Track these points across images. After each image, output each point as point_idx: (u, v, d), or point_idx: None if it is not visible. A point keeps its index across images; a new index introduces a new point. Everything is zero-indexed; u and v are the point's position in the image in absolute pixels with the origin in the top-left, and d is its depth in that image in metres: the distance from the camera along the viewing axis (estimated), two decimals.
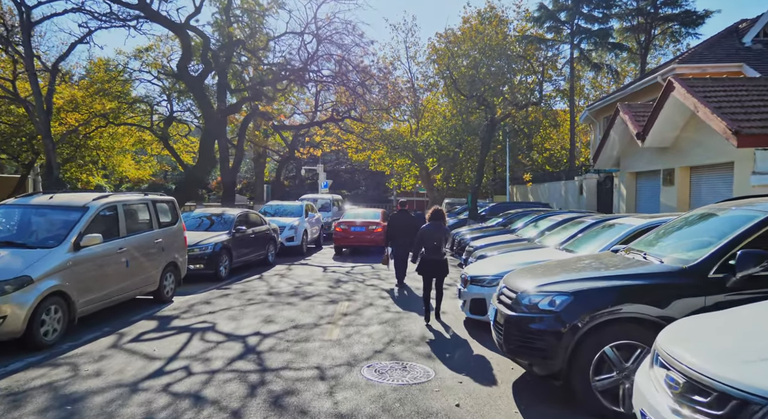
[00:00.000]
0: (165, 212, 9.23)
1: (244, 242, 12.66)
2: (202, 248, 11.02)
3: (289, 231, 16.58)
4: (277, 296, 9.78)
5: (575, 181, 22.64)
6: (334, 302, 9.28)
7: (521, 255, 8.29)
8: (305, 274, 12.75)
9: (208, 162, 15.98)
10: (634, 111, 14.87)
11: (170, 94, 25.78)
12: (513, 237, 12.42)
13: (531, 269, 5.66)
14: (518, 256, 8.25)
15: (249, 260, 13.14)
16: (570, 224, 10.43)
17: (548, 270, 5.37)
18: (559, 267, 5.47)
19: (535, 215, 15.01)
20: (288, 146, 29.15)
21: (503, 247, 10.25)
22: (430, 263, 7.81)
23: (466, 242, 14.41)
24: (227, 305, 8.80)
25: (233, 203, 22.26)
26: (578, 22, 33.61)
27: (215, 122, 16.10)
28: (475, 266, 8.03)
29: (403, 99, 25.07)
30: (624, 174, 17.00)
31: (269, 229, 14.34)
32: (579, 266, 5.32)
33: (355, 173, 64.18)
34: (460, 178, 35.57)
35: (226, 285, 10.89)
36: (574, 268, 5.28)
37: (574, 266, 5.41)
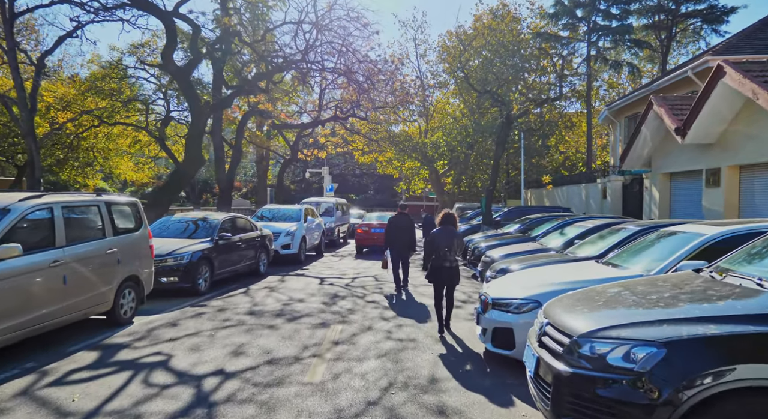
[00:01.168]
0: (125, 216, 7.76)
1: (229, 251, 11.16)
2: (177, 258, 9.53)
3: (285, 238, 15.09)
4: (258, 316, 8.25)
5: (597, 184, 20.96)
6: (325, 325, 7.73)
7: (554, 271, 6.69)
8: (298, 287, 11.22)
9: (195, 161, 14.58)
10: (671, 104, 13.22)
11: (166, 92, 24.50)
12: (536, 246, 10.80)
13: (585, 297, 4.07)
14: (551, 272, 6.65)
15: (236, 270, 11.64)
16: (607, 232, 8.81)
17: (611, 300, 3.80)
18: (627, 296, 3.88)
19: (558, 220, 13.38)
20: (290, 147, 27.73)
21: (528, 259, 8.65)
22: (442, 271, 7.32)
23: (481, 250, 12.83)
24: (195, 329, 7.28)
25: (230, 207, 20.84)
26: (595, 19, 31.99)
27: (203, 117, 14.70)
28: (497, 285, 6.45)
29: (411, 97, 23.54)
30: (656, 175, 15.32)
31: (260, 235, 12.85)
32: (658, 297, 3.72)
33: (363, 177, 62.81)
34: (472, 181, 33.97)
35: (204, 302, 9.38)
36: (651, 299, 3.68)
37: (649, 295, 3.81)
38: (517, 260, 8.65)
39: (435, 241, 7.30)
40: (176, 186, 14.93)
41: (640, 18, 34.11)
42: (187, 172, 14.75)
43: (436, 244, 7.28)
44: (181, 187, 15.44)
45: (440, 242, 7.25)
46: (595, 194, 21.23)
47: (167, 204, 14.65)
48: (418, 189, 36.63)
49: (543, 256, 8.90)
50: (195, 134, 14.55)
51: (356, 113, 22.50)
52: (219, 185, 19.99)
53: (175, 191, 15.05)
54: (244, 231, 12.18)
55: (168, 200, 14.68)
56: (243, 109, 21.32)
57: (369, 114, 23.35)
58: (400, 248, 10.70)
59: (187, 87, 14.38)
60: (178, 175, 14.74)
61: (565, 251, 9.00)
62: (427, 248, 7.44)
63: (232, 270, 11.35)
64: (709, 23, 32.19)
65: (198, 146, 14.75)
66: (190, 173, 15.02)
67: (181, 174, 14.69)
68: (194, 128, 14.62)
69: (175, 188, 14.85)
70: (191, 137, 14.72)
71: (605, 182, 19.92)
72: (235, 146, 20.58)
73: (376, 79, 18.59)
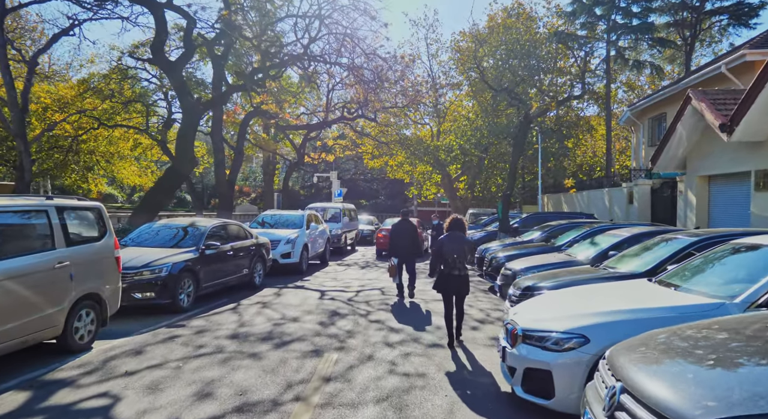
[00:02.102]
0: (85, 223, 6.61)
1: (217, 262, 9.99)
2: (155, 271, 8.36)
3: (285, 246, 13.90)
4: (242, 340, 7.04)
5: (623, 188, 19.54)
6: (318, 353, 6.50)
7: (598, 293, 5.39)
8: (295, 303, 10.00)
9: (187, 162, 13.47)
10: (712, 98, 11.84)
11: (167, 92, 23.56)
12: (563, 258, 9.48)
13: (669, 343, 2.80)
14: (593, 294, 5.35)
15: (226, 283, 10.46)
16: (653, 242, 7.49)
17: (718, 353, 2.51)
18: (740, 346, 2.60)
19: (585, 228, 12.04)
20: (296, 149, 26.65)
21: (558, 275, 7.35)
22: (450, 279, 6.94)
23: (500, 261, 11.54)
24: (161, 359, 6.09)
25: (231, 212, 19.76)
26: (615, 18, 30.61)
27: (196, 114, 13.62)
28: (526, 310, 5.17)
29: (422, 96, 22.30)
30: (693, 178, 13.91)
31: (256, 244, 11.67)
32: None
33: (373, 182, 61.61)
34: (486, 186, 32.60)
35: (183, 321, 8.20)
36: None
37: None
38: (546, 276, 7.35)
39: (443, 248, 6.91)
40: (168, 188, 13.84)
41: (663, 16, 32.68)
42: (180, 173, 13.64)
43: (444, 251, 6.89)
44: (174, 189, 14.36)
45: (449, 250, 6.86)
46: (620, 199, 19.80)
47: (158, 208, 13.56)
48: (430, 194, 35.30)
49: (576, 271, 7.59)
50: (187, 132, 13.46)
51: (364, 114, 21.29)
52: (219, 189, 18.92)
53: (167, 194, 13.97)
54: (236, 239, 11.01)
55: (159, 204, 13.60)
56: (246, 109, 20.25)
57: (378, 115, 22.15)
58: (404, 255, 10.60)
59: (179, 82, 13.32)
60: (170, 176, 13.65)
61: (601, 265, 7.68)
62: (435, 256, 7.09)
63: (221, 283, 10.17)
64: (737, 20, 30.59)
65: (190, 144, 13.66)
66: (183, 174, 13.91)
67: (174, 175, 13.58)
68: (186, 125, 13.53)
69: (167, 190, 13.75)
70: (183, 134, 13.63)
71: (631, 186, 18.50)
72: (237, 148, 19.51)
73: (384, 77, 17.39)
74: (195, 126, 13.72)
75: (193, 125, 13.62)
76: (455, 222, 7.23)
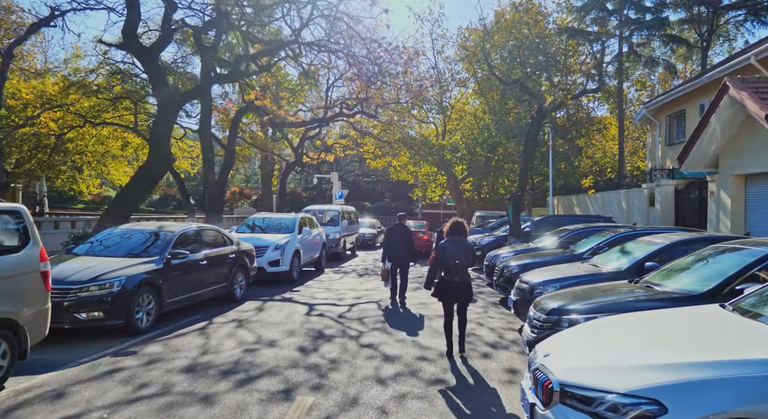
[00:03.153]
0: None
1: (187, 273, 8.65)
2: (104, 286, 7.02)
3: (273, 253, 12.56)
4: (199, 374, 5.69)
5: (643, 189, 18.08)
6: (289, 395, 5.13)
7: (660, 327, 3.96)
8: (277, 320, 8.64)
9: (161, 159, 12.15)
10: (754, 86, 10.42)
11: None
12: (590, 269, 8.05)
13: None
14: (654, 328, 3.94)
15: (199, 297, 9.11)
16: (706, 254, 6.08)
17: None
18: None
19: (608, 233, 10.63)
20: (293, 149, 25.32)
21: (592, 294, 5.94)
22: (450, 286, 6.60)
23: (512, 271, 10.15)
24: (84, 407, 4.73)
25: (221, 215, 18.46)
26: (627, 13, 29.22)
27: (173, 107, 12.29)
28: (562, 351, 3.77)
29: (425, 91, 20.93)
30: (726, 178, 12.47)
31: (236, 251, 10.32)
32: None
33: (377, 184, 60.23)
34: (493, 188, 31.11)
35: (136, 346, 6.86)
36: None
37: None
38: (575, 295, 5.95)
39: (445, 253, 6.55)
40: (142, 189, 12.53)
41: (677, 11, 31.27)
42: (154, 171, 12.31)
43: (445, 256, 6.53)
44: (148, 189, 13.07)
45: (450, 255, 6.51)
46: (640, 200, 18.35)
47: (132, 210, 12.26)
48: (435, 196, 33.83)
49: (611, 289, 6.17)
50: (162, 127, 12.15)
51: (364, 110, 19.93)
52: (208, 190, 17.63)
53: (140, 195, 12.65)
54: (212, 246, 9.67)
55: (133, 206, 12.29)
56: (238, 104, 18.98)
57: (379, 111, 20.79)
58: (399, 259, 10.48)
59: (154, 70, 12.02)
60: (144, 175, 12.33)
61: (640, 281, 6.27)
62: (435, 262, 6.70)
63: (192, 298, 8.82)
64: (755, 15, 29.13)
65: (165, 140, 12.33)
66: (158, 172, 12.59)
67: (147, 174, 12.27)
68: (162, 119, 12.22)
69: (140, 190, 12.44)
70: (157, 129, 12.32)
71: (653, 187, 17.04)
72: (228, 146, 18.22)
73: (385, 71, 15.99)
74: (171, 120, 12.42)
75: (169, 119, 12.31)
76: (456, 226, 6.83)
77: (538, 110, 15.95)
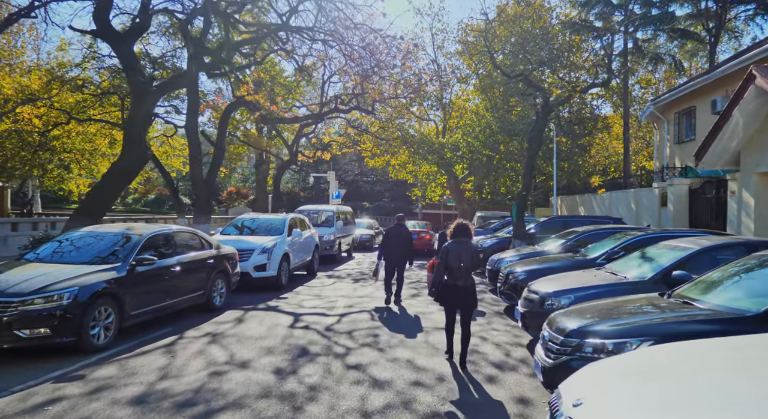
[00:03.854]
0: None
1: (156, 281, 7.73)
2: (51, 298, 6.11)
3: (259, 257, 11.64)
4: (151, 407, 4.77)
5: (653, 189, 17.15)
6: None
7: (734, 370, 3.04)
8: (257, 334, 7.72)
9: (135, 155, 11.20)
10: None
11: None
12: (608, 278, 7.12)
13: None
14: (722, 370, 3.01)
15: (172, 307, 8.19)
16: (756, 262, 5.15)
17: None
18: None
19: (622, 236, 9.71)
20: (287, 147, 24.39)
21: (618, 310, 4.99)
22: (453, 290, 6.24)
23: (518, 278, 9.28)
24: None
25: (209, 216, 17.56)
26: (633, 8, 28.32)
27: (148, 98, 11.35)
28: (602, 401, 2.83)
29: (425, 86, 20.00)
30: (750, 176, 11.53)
31: (215, 256, 9.40)
32: None
33: (376, 184, 59.30)
34: (495, 187, 30.18)
35: (87, 368, 5.94)
36: None
37: None
38: (599, 311, 5.02)
39: (449, 256, 6.22)
40: (114, 187, 11.59)
41: (684, 5, 30.34)
42: (127, 168, 11.37)
43: (450, 259, 6.21)
44: (121, 188, 12.13)
45: (455, 258, 6.19)
46: (650, 201, 17.42)
47: (103, 210, 11.32)
48: (435, 196, 32.88)
49: (639, 304, 5.22)
50: (136, 120, 11.20)
51: (360, 105, 18.99)
52: (195, 189, 16.72)
53: (112, 194, 11.70)
54: (187, 250, 8.74)
55: (104, 205, 11.36)
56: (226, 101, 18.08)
57: (377, 108, 19.86)
58: (396, 259, 10.35)
59: (128, 57, 11.07)
60: (116, 173, 11.36)
61: (672, 294, 5.33)
62: (439, 266, 6.28)
63: (162, 309, 7.90)
64: (766, 10, 28.25)
65: (140, 134, 11.37)
66: (132, 169, 11.64)
67: (120, 172, 11.31)
68: (136, 111, 11.27)
69: (112, 189, 11.49)
70: (131, 123, 11.36)
71: (665, 187, 16.10)
72: (217, 143, 17.31)
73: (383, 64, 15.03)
74: (147, 113, 11.48)
75: (144, 112, 11.37)
76: (460, 228, 6.47)
77: (543, 104, 15.02)
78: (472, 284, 6.31)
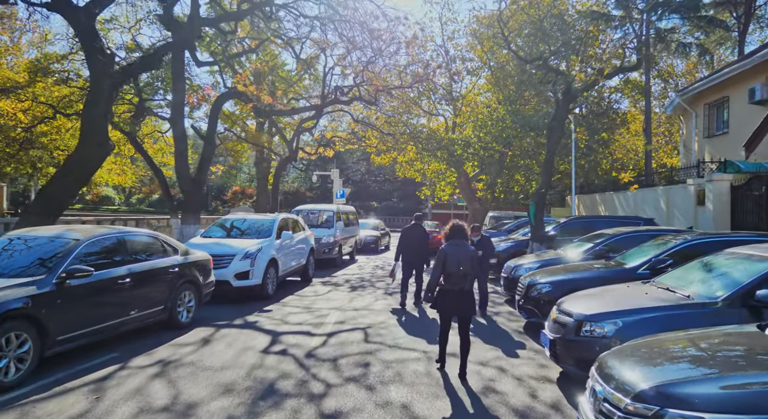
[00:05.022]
0: None
1: (95, 297, 6.27)
2: None
3: (241, 263, 10.15)
4: None
5: (688, 186, 15.44)
6: None
7: None
8: (220, 362, 6.23)
9: (94, 145, 9.72)
10: None
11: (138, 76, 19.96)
12: (666, 297, 5.51)
13: None
14: None
15: (119, 328, 6.72)
16: None
17: None
18: None
19: (667, 241, 8.11)
20: (286, 143, 22.96)
21: (719, 359, 3.41)
22: (452, 296, 5.72)
23: (541, 290, 7.81)
24: None
25: (198, 216, 16.14)
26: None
27: (108, 80, 9.89)
28: None
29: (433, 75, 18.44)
30: None
31: (181, 264, 7.92)
32: None
33: (385, 183, 57.81)
34: (508, 186, 28.47)
35: None
36: None
37: None
38: (683, 356, 3.46)
39: (447, 259, 5.72)
40: (71, 183, 10.12)
41: None
42: (85, 161, 9.90)
43: (448, 263, 5.70)
44: (79, 183, 10.65)
45: (453, 261, 5.70)
46: (684, 199, 15.70)
47: (58, 210, 9.88)
48: (445, 195, 31.20)
49: (746, 345, 3.64)
50: (95, 105, 9.75)
51: (362, 96, 17.46)
52: (181, 187, 15.31)
53: (69, 191, 10.24)
54: (144, 258, 7.27)
55: (59, 204, 9.92)
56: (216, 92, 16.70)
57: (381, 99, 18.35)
58: (414, 260, 10.32)
59: (86, 32, 9.61)
60: (72, 166, 9.87)
61: None
62: (436, 269, 5.80)
63: (102, 330, 6.42)
64: None
65: (100, 122, 9.86)
66: (90, 162, 10.16)
67: (76, 165, 9.84)
68: (95, 95, 9.80)
69: (69, 186, 10.03)
70: (90, 108, 9.88)
71: (702, 183, 14.38)
72: (207, 137, 15.89)
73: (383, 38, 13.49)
74: (107, 97, 10.00)
75: (105, 95, 9.89)
76: (456, 229, 6.07)
77: (565, 91, 13.37)
78: (470, 288, 5.84)
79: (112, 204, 55.10)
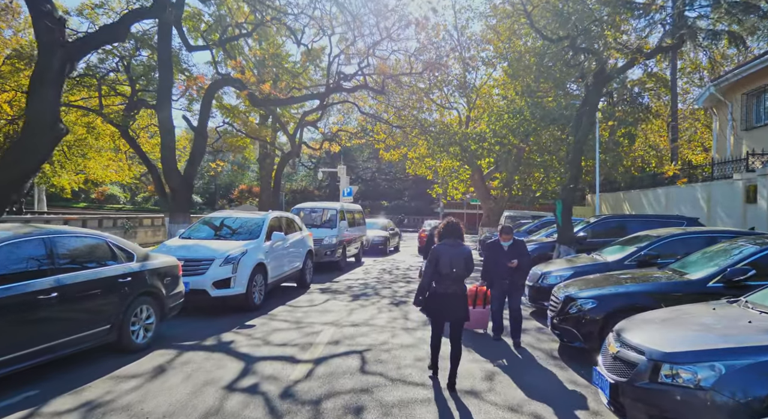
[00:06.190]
0: None
1: (13, 315, 4.79)
2: None
3: (221, 269, 8.63)
4: None
5: (734, 181, 13.70)
6: None
7: None
8: (165, 406, 4.72)
9: (44, 128, 8.25)
10: None
11: (129, 63, 18.61)
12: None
13: None
14: None
15: (44, 354, 5.24)
16: None
17: None
18: None
19: (738, 246, 6.50)
20: (288, 137, 21.49)
21: None
22: (445, 299, 5.38)
23: (583, 307, 6.37)
24: None
25: (188, 215, 14.75)
26: None
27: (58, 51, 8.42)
28: None
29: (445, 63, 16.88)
30: None
31: (135, 272, 6.43)
32: None
33: (395, 182, 56.20)
34: (525, 183, 26.72)
35: None
36: None
37: None
38: None
39: (440, 260, 5.35)
40: (20, 174, 8.64)
41: None
42: (33, 147, 8.42)
43: (441, 264, 5.35)
44: (29, 175, 9.12)
45: (446, 261, 5.35)
46: (729, 196, 13.96)
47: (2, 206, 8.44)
48: (457, 194, 29.50)
49: None
50: (43, 86, 8.29)
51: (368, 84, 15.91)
52: (169, 182, 13.91)
53: (15, 183, 8.72)
54: (81, 265, 5.79)
55: (5, 199, 8.48)
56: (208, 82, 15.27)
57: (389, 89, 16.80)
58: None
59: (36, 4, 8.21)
60: (17, 154, 8.42)
61: None
62: (428, 271, 5.43)
63: (14, 361, 4.93)
64: None
65: (49, 101, 8.39)
66: (38, 151, 8.67)
67: (23, 152, 8.38)
68: (42, 70, 8.34)
69: (15, 177, 8.53)
70: (37, 85, 8.43)
71: (753, 178, 12.65)
72: (198, 128, 14.49)
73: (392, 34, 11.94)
74: (57, 72, 8.53)
75: (53, 70, 8.42)
76: (450, 227, 5.59)
77: (597, 72, 11.70)
78: (463, 292, 5.51)
79: (117, 203, 54.15)
